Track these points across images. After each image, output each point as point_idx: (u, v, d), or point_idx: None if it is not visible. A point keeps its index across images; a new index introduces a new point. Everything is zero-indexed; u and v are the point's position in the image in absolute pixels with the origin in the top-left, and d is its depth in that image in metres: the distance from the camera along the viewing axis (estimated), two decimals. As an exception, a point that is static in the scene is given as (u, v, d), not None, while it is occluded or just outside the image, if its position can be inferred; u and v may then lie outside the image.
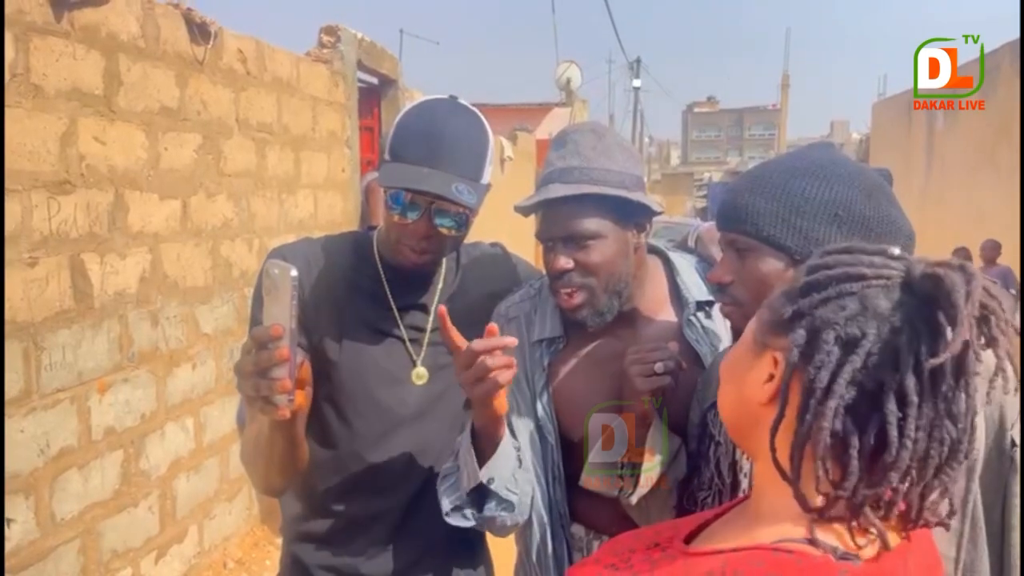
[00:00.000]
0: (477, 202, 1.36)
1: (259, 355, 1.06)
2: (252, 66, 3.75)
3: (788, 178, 1.13)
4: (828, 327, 0.79)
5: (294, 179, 4.25)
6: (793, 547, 0.77)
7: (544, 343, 1.45)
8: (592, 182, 1.33)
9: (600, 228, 1.34)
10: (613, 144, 1.37)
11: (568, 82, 17.20)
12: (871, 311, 0.79)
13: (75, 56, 2.62)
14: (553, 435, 1.43)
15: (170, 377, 3.18)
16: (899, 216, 1.14)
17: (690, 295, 1.44)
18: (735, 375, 0.90)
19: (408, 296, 1.51)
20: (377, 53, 5.60)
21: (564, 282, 1.36)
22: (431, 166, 1.34)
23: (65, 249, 2.59)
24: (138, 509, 3.00)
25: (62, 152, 2.57)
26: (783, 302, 0.86)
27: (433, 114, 1.40)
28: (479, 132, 1.41)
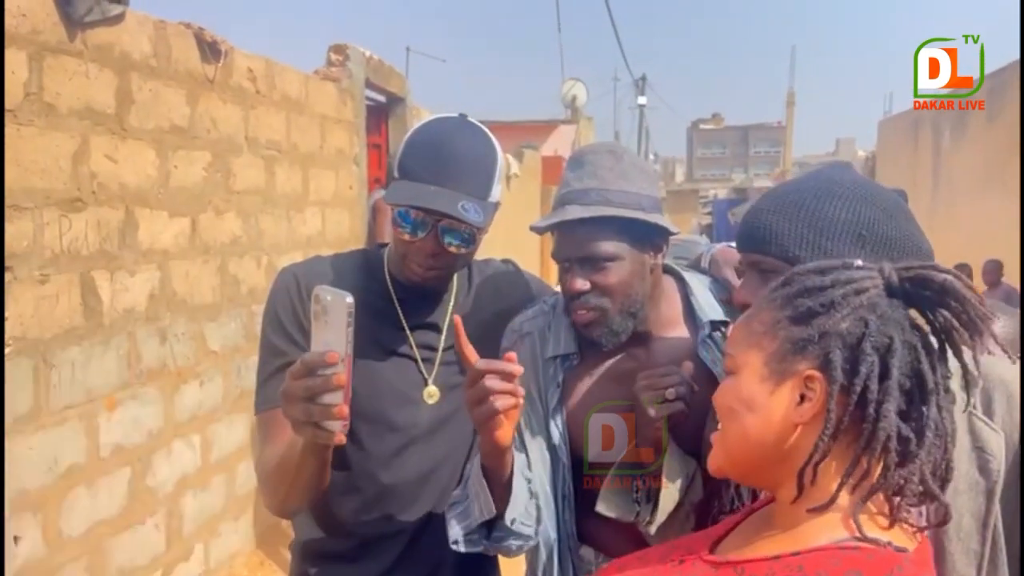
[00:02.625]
0: (484, 220, 1.36)
1: (312, 381, 1.05)
2: (261, 84, 3.78)
3: (811, 199, 1.14)
4: (863, 339, 0.86)
5: (302, 196, 4.27)
6: (852, 544, 0.82)
7: (558, 359, 1.45)
8: (610, 204, 1.33)
9: (617, 250, 1.34)
10: (630, 165, 1.38)
11: (574, 99, 17.29)
12: (886, 317, 0.87)
13: (88, 75, 2.65)
14: (566, 454, 1.42)
15: (177, 394, 3.19)
16: (919, 235, 1.15)
17: (704, 315, 1.44)
18: (752, 407, 0.91)
19: (419, 315, 1.51)
20: (385, 71, 5.64)
21: (580, 303, 1.36)
22: (439, 184, 1.34)
23: (76, 266, 2.60)
24: (145, 527, 2.99)
25: (74, 170, 2.59)
26: (793, 328, 0.90)
27: (441, 132, 1.40)
28: (487, 150, 1.41)
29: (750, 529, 0.99)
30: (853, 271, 0.91)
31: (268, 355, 1.45)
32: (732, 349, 0.95)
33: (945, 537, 1.12)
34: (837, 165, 1.24)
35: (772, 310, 0.92)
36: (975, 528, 1.13)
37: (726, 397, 0.94)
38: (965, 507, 1.12)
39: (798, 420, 0.88)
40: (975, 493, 1.13)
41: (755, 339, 0.92)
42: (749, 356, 0.92)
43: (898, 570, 0.80)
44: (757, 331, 0.92)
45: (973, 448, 1.14)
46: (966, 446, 1.13)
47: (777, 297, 0.93)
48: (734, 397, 0.93)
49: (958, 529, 1.12)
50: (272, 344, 1.45)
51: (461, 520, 1.30)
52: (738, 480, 1.07)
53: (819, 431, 0.87)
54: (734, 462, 0.94)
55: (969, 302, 0.87)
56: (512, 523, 1.27)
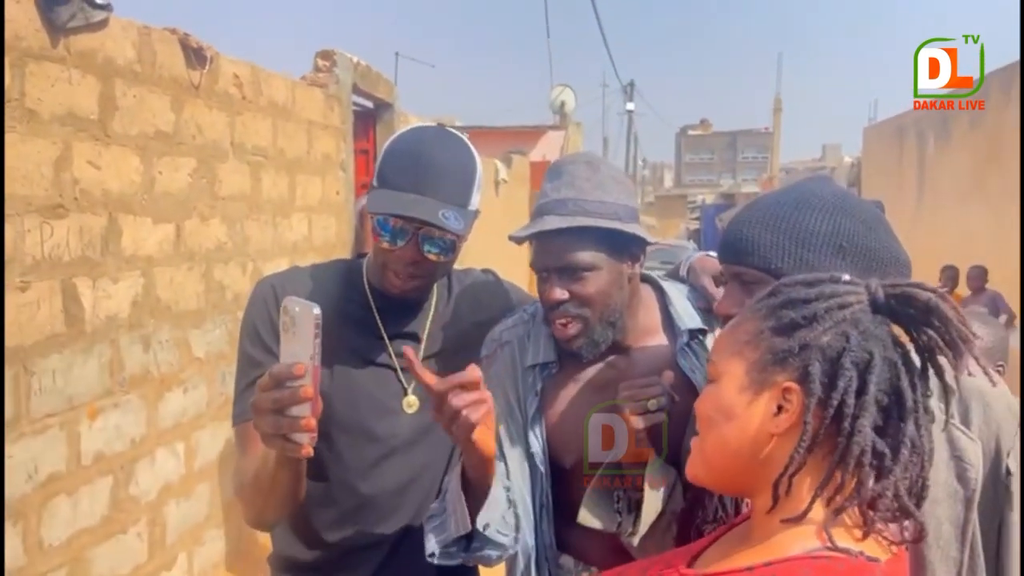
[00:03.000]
0: (464, 228, 1.36)
1: (279, 393, 1.05)
2: (247, 90, 3.77)
3: (792, 211, 1.15)
4: (843, 354, 0.87)
5: (289, 202, 4.25)
6: (823, 553, 0.83)
7: (537, 368, 1.45)
8: (587, 214, 1.34)
9: (595, 260, 1.35)
10: (607, 176, 1.38)
11: (562, 105, 17.32)
12: (868, 333, 0.88)
13: (71, 81, 2.63)
14: (544, 463, 1.42)
15: (161, 402, 3.17)
16: (898, 247, 1.17)
17: (683, 324, 1.44)
18: (731, 416, 0.92)
19: (399, 324, 1.51)
20: (372, 77, 5.64)
21: (559, 313, 1.37)
22: (418, 192, 1.35)
23: (57, 273, 2.58)
24: (127, 536, 2.97)
25: (56, 176, 2.57)
26: (775, 339, 0.91)
27: (420, 141, 1.41)
28: (466, 159, 1.42)
29: (728, 543, 1.00)
30: (839, 285, 0.92)
31: (245, 366, 1.44)
32: (715, 357, 0.96)
33: (925, 545, 1.13)
34: (818, 177, 1.26)
35: (756, 320, 0.93)
36: (954, 536, 1.15)
37: (706, 405, 0.95)
38: (944, 515, 1.14)
39: (774, 430, 0.89)
40: (954, 501, 1.14)
41: (738, 348, 0.93)
42: (731, 365, 0.93)
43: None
44: (740, 340, 0.93)
45: (951, 457, 1.15)
46: (944, 455, 1.14)
47: (762, 307, 0.94)
48: (713, 405, 0.94)
49: (938, 537, 1.14)
50: (249, 355, 1.44)
51: (438, 533, 1.30)
52: (714, 488, 1.08)
53: (795, 442, 0.87)
54: (711, 470, 0.95)
55: (952, 323, 0.88)
56: (485, 528, 1.27)
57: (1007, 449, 1.17)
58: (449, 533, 1.28)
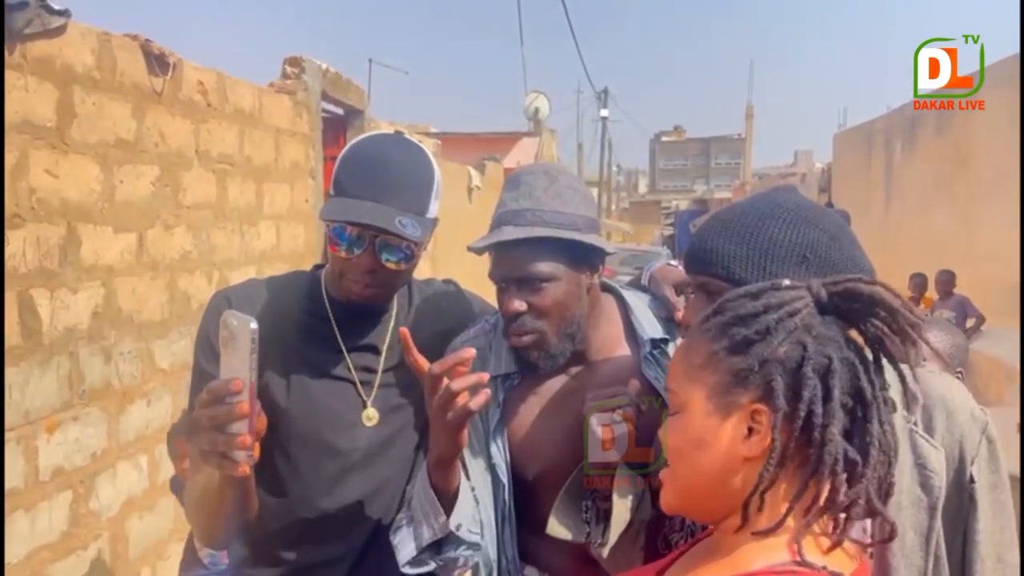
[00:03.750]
0: (422, 235, 1.35)
1: (216, 409, 1.03)
2: (213, 97, 3.72)
3: (756, 221, 1.16)
4: (803, 363, 0.85)
5: (256, 210, 4.21)
6: (788, 568, 0.82)
7: (499, 379, 1.44)
8: (545, 225, 1.33)
9: (553, 271, 1.34)
10: (565, 186, 1.37)
11: (536, 112, 17.38)
12: (822, 336, 0.87)
13: (27, 88, 2.58)
14: (506, 474, 1.41)
15: (123, 414, 3.11)
16: (861, 257, 1.17)
17: (645, 333, 1.44)
18: (701, 445, 0.89)
19: (358, 336, 1.49)
20: (343, 84, 5.60)
21: (517, 325, 1.35)
22: (374, 200, 1.33)
23: (13, 284, 2.52)
24: (88, 552, 2.90)
25: (12, 185, 2.51)
26: (732, 359, 0.88)
27: (377, 148, 1.39)
28: (424, 166, 1.40)
29: (693, 557, 0.99)
30: (783, 292, 0.91)
31: (197, 380, 1.42)
32: (673, 385, 0.94)
33: (889, 553, 1.14)
34: (783, 188, 1.27)
35: (707, 341, 0.91)
36: (918, 544, 1.15)
37: (674, 438, 0.92)
38: (908, 523, 1.14)
39: (747, 454, 0.87)
40: (917, 509, 1.15)
41: (694, 374, 0.91)
42: (691, 393, 0.90)
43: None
44: (696, 364, 0.91)
45: (915, 465, 1.16)
46: (908, 463, 1.15)
47: (711, 327, 0.91)
48: (681, 437, 0.91)
49: (902, 545, 1.14)
50: (201, 368, 1.41)
51: (407, 542, 1.28)
52: (690, 516, 1.07)
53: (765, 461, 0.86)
54: (686, 499, 0.94)
55: (898, 312, 0.88)
56: (458, 528, 1.25)
57: (971, 457, 1.18)
58: (422, 539, 1.26)
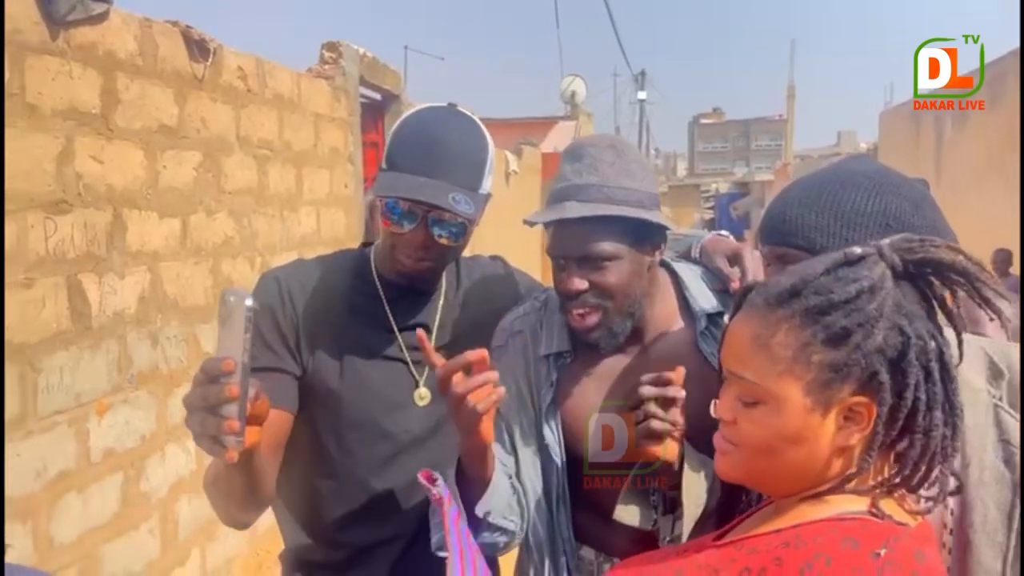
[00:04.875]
0: (475, 212, 1.31)
1: (208, 389, 0.98)
2: (252, 83, 3.74)
3: (838, 190, 1.12)
4: (906, 351, 0.83)
5: (296, 196, 4.22)
6: (856, 516, 0.83)
7: (551, 358, 1.39)
8: (611, 202, 1.27)
9: (617, 250, 1.29)
10: (632, 160, 1.32)
11: (573, 95, 17.23)
12: (912, 314, 0.84)
13: (72, 75, 2.60)
14: (560, 455, 1.37)
15: (171, 397, 3.15)
16: (944, 224, 1.14)
17: (700, 307, 1.39)
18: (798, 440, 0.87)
19: (409, 315, 1.46)
20: (379, 69, 5.60)
21: (577, 303, 1.31)
22: (428, 175, 1.30)
23: (62, 270, 2.56)
24: (139, 532, 2.95)
25: (59, 172, 2.55)
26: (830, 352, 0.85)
27: (430, 122, 1.36)
28: (478, 140, 1.37)
29: (754, 519, 0.98)
30: (863, 268, 0.86)
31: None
32: (752, 375, 0.87)
33: (971, 529, 1.10)
34: (861, 156, 1.23)
35: (793, 330, 0.85)
36: (1001, 521, 1.10)
37: (756, 429, 0.88)
38: (991, 499, 1.10)
39: (842, 444, 0.85)
40: (1001, 486, 1.10)
41: (783, 366, 0.85)
42: (782, 386, 0.85)
43: (894, 540, 0.80)
44: (782, 356, 0.85)
45: (999, 440, 1.11)
46: (992, 438, 1.11)
47: (795, 314, 0.86)
48: (770, 431, 0.87)
49: (984, 522, 1.10)
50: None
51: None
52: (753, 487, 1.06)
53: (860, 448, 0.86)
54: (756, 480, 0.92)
55: (982, 282, 0.86)
56: (487, 516, 1.23)
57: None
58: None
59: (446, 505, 1.19)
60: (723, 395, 0.93)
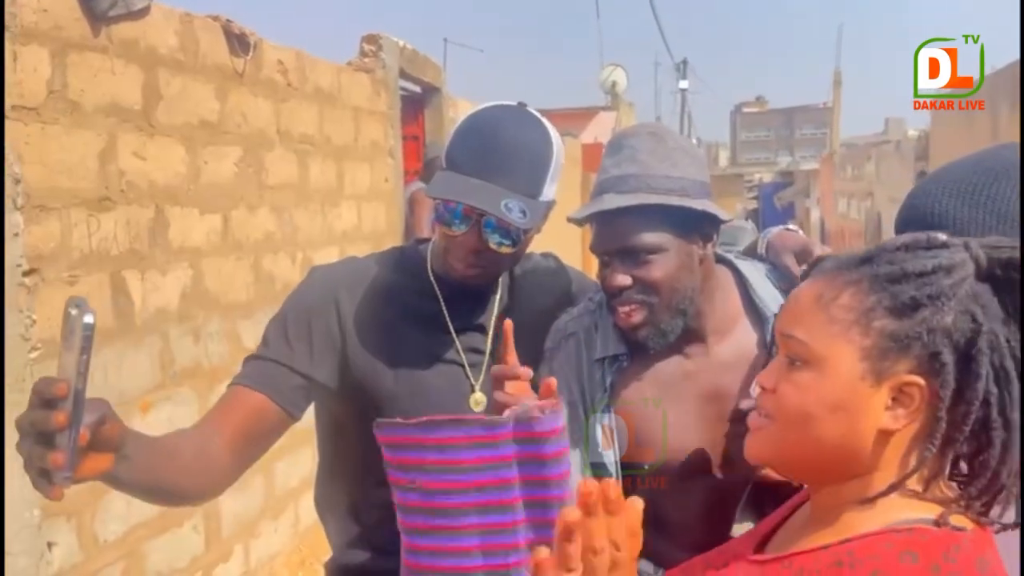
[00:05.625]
0: (531, 221, 1.24)
1: (37, 414, 0.86)
2: (292, 77, 3.71)
3: (991, 182, 1.06)
4: (977, 338, 0.77)
5: (337, 190, 4.20)
6: (908, 526, 0.78)
7: (606, 361, 1.33)
8: (651, 191, 1.20)
9: (661, 241, 1.21)
10: (674, 147, 1.24)
11: (613, 85, 17.07)
12: (989, 308, 0.79)
13: (113, 71, 2.59)
14: (613, 464, 1.30)
15: (212, 394, 3.13)
16: None
17: (768, 309, 1.30)
18: (839, 409, 0.80)
19: (465, 316, 1.41)
20: (420, 61, 5.55)
21: (622, 300, 1.24)
22: (483, 178, 1.23)
23: (105, 267, 2.56)
24: (183, 529, 2.95)
25: (101, 168, 2.54)
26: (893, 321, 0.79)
27: (494, 120, 1.29)
28: (542, 144, 1.29)
29: (796, 526, 0.92)
30: (948, 251, 0.81)
31: (261, 341, 1.38)
32: (805, 335, 0.82)
33: None
34: (1008, 146, 1.16)
35: (858, 294, 0.80)
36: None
37: (798, 394, 0.82)
38: None
39: (891, 426, 0.79)
40: None
41: (839, 328, 0.80)
42: (835, 349, 0.80)
43: (955, 550, 0.76)
44: (841, 319, 0.80)
45: None
46: None
47: (862, 279, 0.81)
48: (812, 396, 0.81)
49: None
50: (267, 334, 1.38)
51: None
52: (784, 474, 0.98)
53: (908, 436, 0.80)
54: (788, 457, 0.86)
55: None
56: None
57: None
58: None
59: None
60: (771, 364, 0.88)
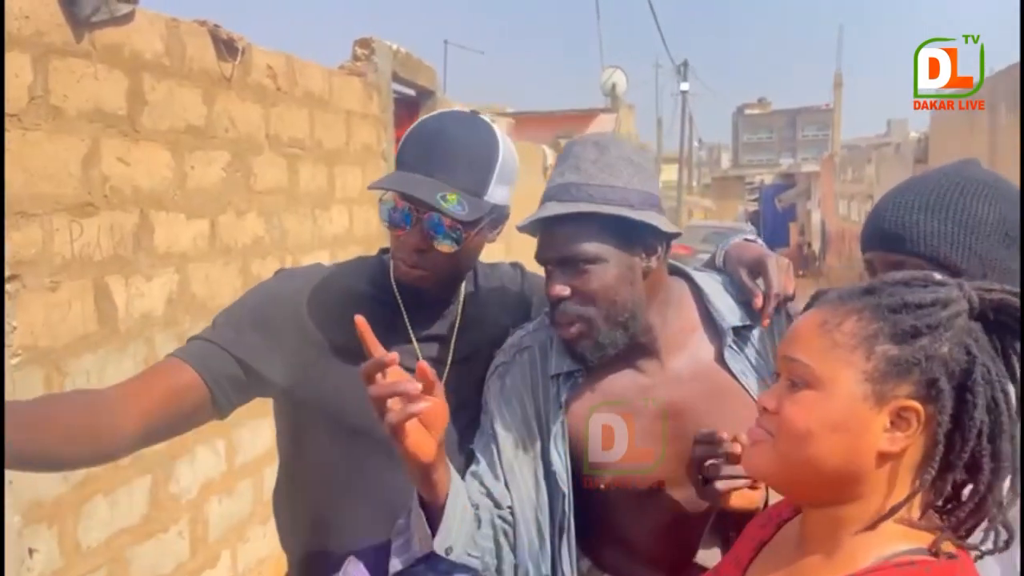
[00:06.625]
0: (470, 215, 1.25)
1: None
2: (282, 81, 3.71)
3: (958, 197, 1.10)
4: (972, 368, 0.81)
5: (328, 194, 4.19)
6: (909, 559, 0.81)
7: (561, 377, 1.31)
8: (590, 200, 1.19)
9: (599, 252, 1.20)
10: (619, 157, 1.23)
11: (613, 87, 17.05)
12: (982, 343, 0.83)
13: (97, 76, 2.59)
14: (566, 482, 1.29)
15: (200, 399, 3.13)
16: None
17: (724, 321, 1.29)
18: (840, 429, 0.83)
19: (426, 325, 1.41)
20: (413, 64, 5.55)
21: (561, 311, 1.23)
22: (425, 173, 1.26)
23: (88, 272, 2.55)
24: (168, 534, 2.95)
25: (84, 174, 2.54)
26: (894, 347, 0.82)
27: (441, 122, 1.32)
28: (488, 146, 1.30)
29: (784, 548, 0.92)
30: (945, 288, 0.85)
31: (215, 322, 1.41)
32: (808, 359, 0.85)
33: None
34: (970, 161, 1.20)
35: (862, 321, 0.84)
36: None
37: (800, 414, 0.84)
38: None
39: (889, 448, 0.82)
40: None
41: (843, 352, 0.84)
42: (838, 370, 0.83)
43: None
44: (845, 343, 0.84)
45: None
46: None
47: (865, 307, 0.85)
48: (814, 416, 0.84)
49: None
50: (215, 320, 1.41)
51: (401, 553, 1.18)
52: (783, 492, 0.99)
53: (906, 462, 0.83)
54: (788, 476, 0.87)
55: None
56: (448, 553, 1.15)
57: None
58: (412, 552, 1.17)
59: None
60: (771, 388, 0.91)
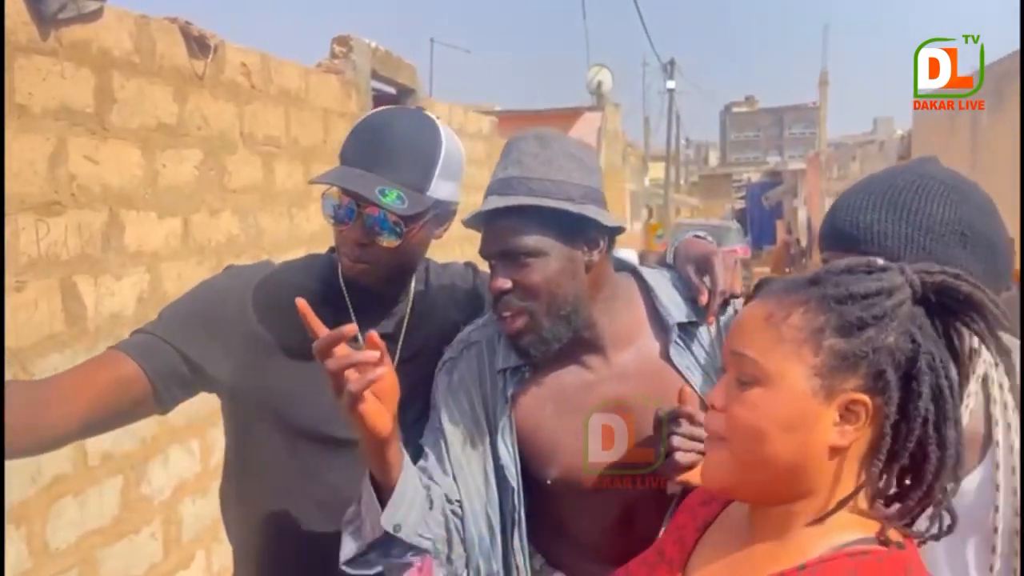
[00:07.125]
0: (410, 210, 1.26)
1: None
2: (257, 79, 3.69)
3: (912, 196, 1.10)
4: (917, 357, 0.81)
5: (305, 192, 4.17)
6: (862, 548, 0.81)
7: (508, 372, 1.32)
8: (530, 193, 1.20)
9: (540, 245, 1.21)
10: (560, 151, 1.24)
11: (599, 86, 17.08)
12: (926, 329, 0.83)
13: (63, 74, 2.57)
14: (515, 476, 1.29)
15: (172, 399, 3.11)
16: (1007, 233, 1.14)
17: (670, 317, 1.30)
18: (791, 427, 0.83)
19: (374, 324, 1.41)
20: (393, 62, 5.53)
21: (503, 304, 1.24)
22: (365, 167, 1.27)
23: (55, 272, 2.53)
24: (139, 536, 2.93)
25: (51, 173, 2.51)
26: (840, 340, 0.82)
27: (384, 118, 1.33)
28: (431, 142, 1.31)
29: (732, 537, 0.91)
30: (889, 275, 0.84)
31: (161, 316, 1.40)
32: (755, 354, 0.84)
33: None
34: (928, 160, 1.20)
35: (806, 314, 0.83)
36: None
37: (757, 414, 0.83)
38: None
39: (839, 442, 0.82)
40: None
41: (791, 347, 0.82)
42: (786, 366, 0.82)
43: (908, 573, 0.80)
44: (792, 337, 0.83)
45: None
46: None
47: (810, 299, 0.84)
48: (764, 414, 0.83)
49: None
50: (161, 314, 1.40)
51: (355, 539, 1.18)
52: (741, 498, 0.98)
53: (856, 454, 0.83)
54: (745, 479, 0.86)
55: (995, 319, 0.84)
56: (397, 530, 1.15)
57: None
58: (364, 539, 1.17)
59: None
60: (719, 383, 0.90)
